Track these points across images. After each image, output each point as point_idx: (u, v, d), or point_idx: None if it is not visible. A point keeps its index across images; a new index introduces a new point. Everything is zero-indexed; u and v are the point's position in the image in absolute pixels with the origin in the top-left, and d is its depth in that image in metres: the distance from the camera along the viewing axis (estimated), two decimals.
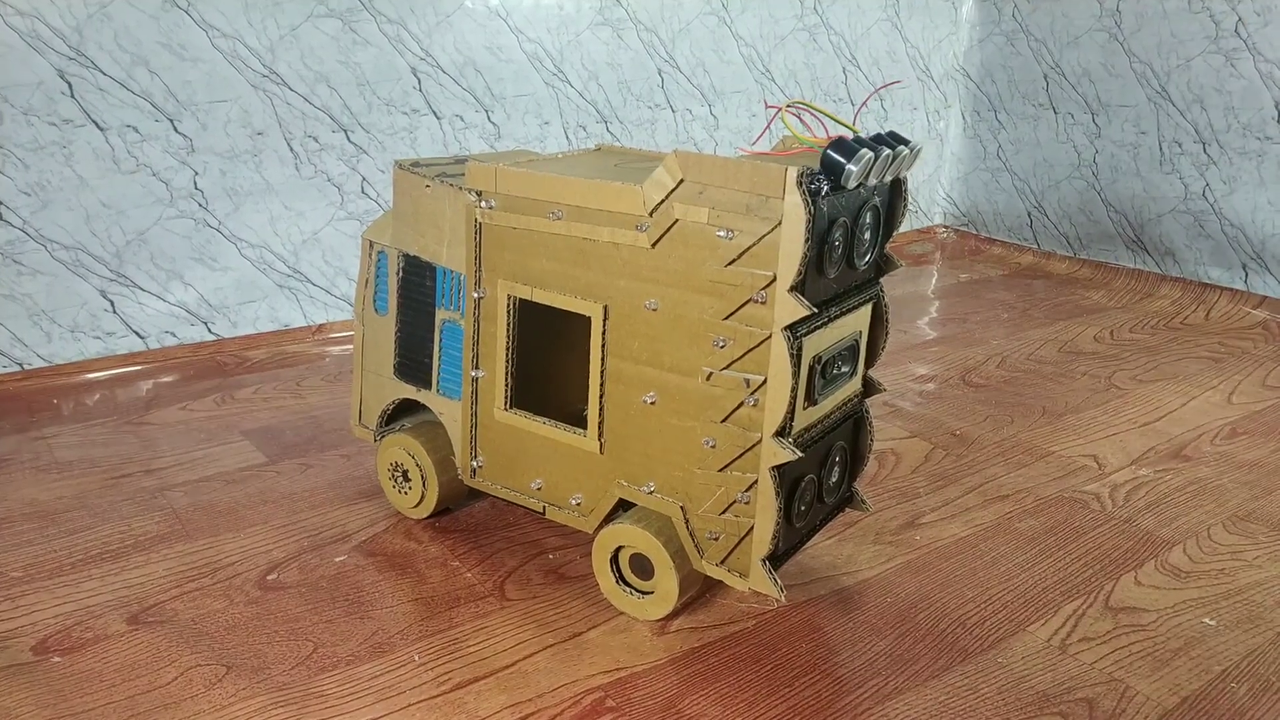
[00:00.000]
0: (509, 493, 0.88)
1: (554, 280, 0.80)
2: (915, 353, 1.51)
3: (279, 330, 1.46)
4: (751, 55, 1.87)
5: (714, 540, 0.76)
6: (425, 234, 0.88)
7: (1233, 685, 0.75)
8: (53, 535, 0.91)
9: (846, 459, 0.83)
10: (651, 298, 0.75)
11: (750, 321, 0.70)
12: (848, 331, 0.77)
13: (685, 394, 0.75)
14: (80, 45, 1.21)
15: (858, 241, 0.75)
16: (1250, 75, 1.75)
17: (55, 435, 1.13)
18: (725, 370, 0.72)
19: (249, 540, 0.91)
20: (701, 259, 0.72)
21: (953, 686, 0.74)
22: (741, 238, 0.69)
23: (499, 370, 0.85)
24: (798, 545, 0.81)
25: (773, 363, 0.70)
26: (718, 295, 0.71)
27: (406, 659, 0.75)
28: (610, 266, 0.77)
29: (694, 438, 0.75)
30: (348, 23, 1.39)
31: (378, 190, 1.49)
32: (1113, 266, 2.01)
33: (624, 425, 0.79)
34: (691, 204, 0.71)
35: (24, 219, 1.23)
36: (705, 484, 0.76)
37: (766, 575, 0.75)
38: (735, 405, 0.72)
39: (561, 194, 0.77)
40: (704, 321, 0.72)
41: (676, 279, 0.73)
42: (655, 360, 0.76)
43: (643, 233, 0.74)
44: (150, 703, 0.69)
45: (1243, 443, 1.19)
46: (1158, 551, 0.93)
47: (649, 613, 0.80)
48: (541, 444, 0.84)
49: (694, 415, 0.75)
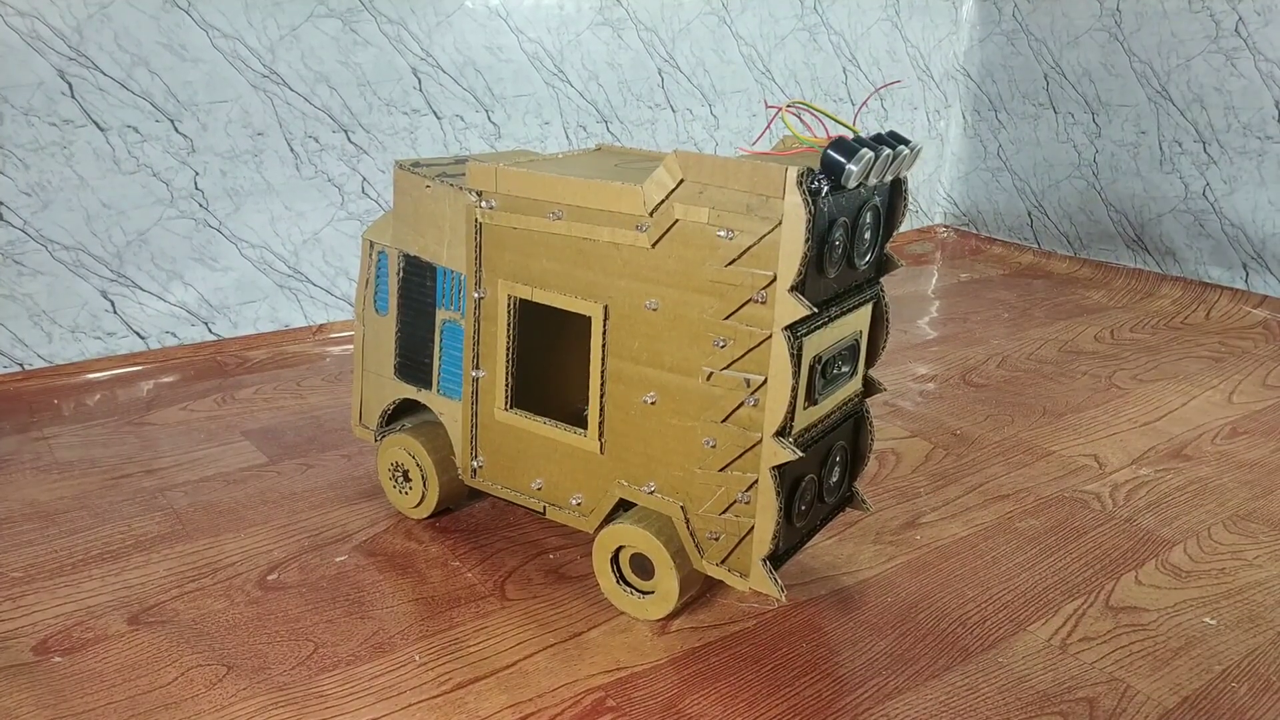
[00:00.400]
0: (509, 493, 0.88)
1: (554, 280, 0.80)
2: (916, 352, 1.51)
3: (279, 330, 1.46)
4: (752, 55, 1.87)
5: (714, 540, 0.76)
6: (425, 234, 0.88)
7: (1233, 685, 0.75)
8: (53, 535, 0.91)
9: (847, 459, 0.83)
10: (652, 298, 0.75)
11: (750, 321, 0.70)
12: (848, 331, 0.77)
13: (686, 394, 0.75)
14: (80, 45, 1.21)
15: (858, 241, 0.75)
16: (1250, 75, 1.75)
17: (56, 435, 1.14)
18: (725, 370, 0.72)
19: (249, 540, 0.91)
20: (702, 259, 0.71)
21: (953, 686, 0.74)
22: (742, 237, 0.69)
23: (499, 370, 0.84)
24: (798, 545, 0.81)
25: (773, 363, 0.70)
26: (718, 295, 0.71)
27: (407, 659, 0.75)
28: (610, 266, 0.77)
29: (694, 438, 0.75)
30: (348, 23, 1.39)
31: (378, 190, 1.49)
32: (1113, 266, 2.01)
33: (624, 425, 0.79)
34: (692, 204, 0.71)
35: (25, 219, 1.23)
36: (706, 484, 0.76)
37: (767, 575, 0.75)
38: (735, 405, 0.72)
39: (561, 194, 0.77)
40: (704, 321, 0.72)
41: (677, 279, 0.73)
42: (655, 360, 0.76)
43: (643, 233, 0.74)
44: (151, 703, 0.69)
45: (1243, 442, 1.19)
46: (1158, 551, 0.93)
47: (649, 613, 0.80)
48: (542, 444, 0.84)
49: (694, 415, 0.75)
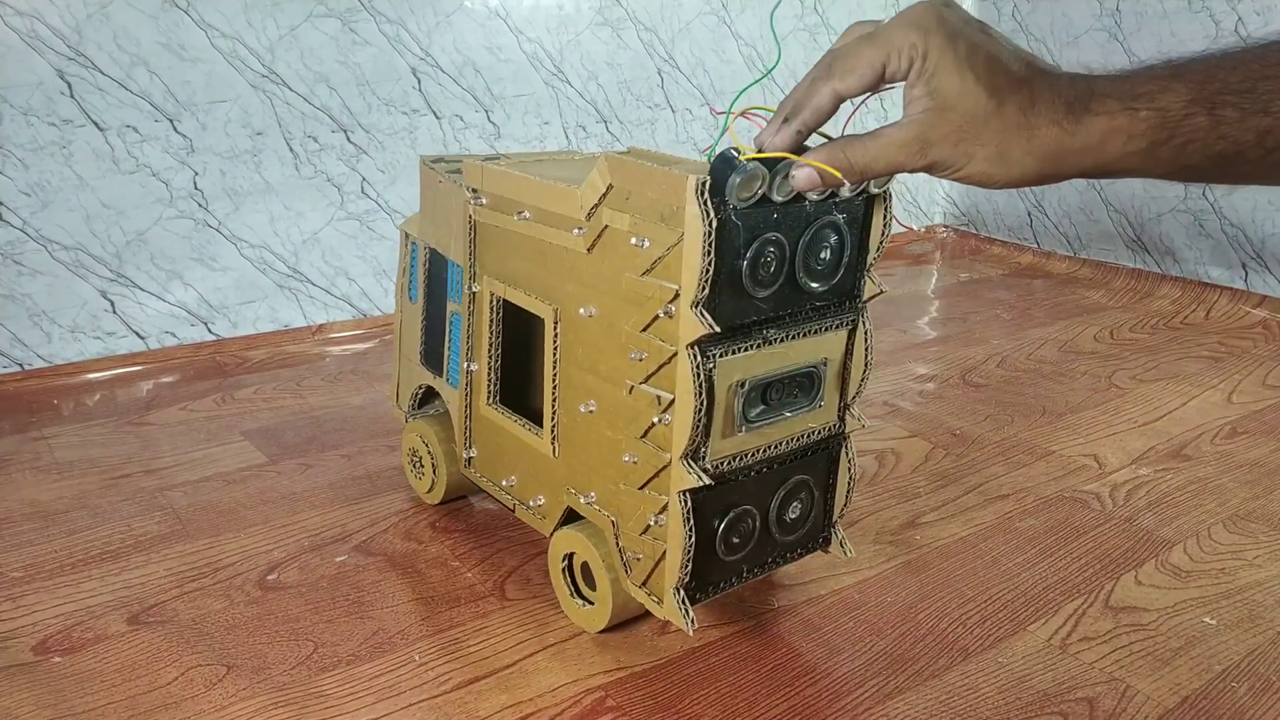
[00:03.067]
0: (492, 486, 0.89)
1: (523, 280, 0.80)
2: (915, 352, 1.51)
3: (279, 330, 1.46)
4: (751, 55, 1.87)
5: (638, 560, 0.73)
6: (439, 227, 0.90)
7: (1233, 684, 0.75)
8: (53, 535, 0.91)
9: (814, 495, 0.77)
10: (590, 303, 0.72)
11: (662, 335, 0.66)
12: (802, 359, 0.71)
13: (616, 406, 0.72)
14: (79, 45, 1.21)
15: (809, 261, 0.68)
16: None
17: (55, 435, 1.13)
18: (643, 385, 0.68)
19: (249, 540, 0.91)
20: (624, 267, 0.68)
21: (953, 686, 0.73)
22: (654, 247, 0.65)
23: (483, 365, 0.85)
24: (739, 578, 0.74)
25: (678, 381, 0.65)
26: (636, 305, 0.68)
27: (407, 659, 0.75)
28: (560, 269, 0.75)
29: (621, 451, 0.72)
30: (347, 23, 1.39)
31: (377, 190, 1.49)
32: (1113, 266, 2.01)
33: (571, 432, 0.77)
34: (618, 210, 0.68)
35: (24, 219, 1.23)
36: (630, 501, 0.72)
37: (678, 605, 0.69)
38: (651, 422, 0.68)
39: (525, 194, 0.76)
40: (626, 332, 0.69)
41: (608, 286, 0.70)
42: (594, 368, 0.73)
43: (580, 236, 0.72)
44: (151, 703, 0.69)
45: (1243, 442, 1.19)
46: (1158, 551, 0.93)
47: (591, 623, 0.78)
48: (514, 442, 0.84)
49: (621, 428, 0.72)
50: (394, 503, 0.99)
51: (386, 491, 1.01)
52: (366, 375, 1.35)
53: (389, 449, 1.11)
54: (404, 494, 1.00)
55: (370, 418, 1.20)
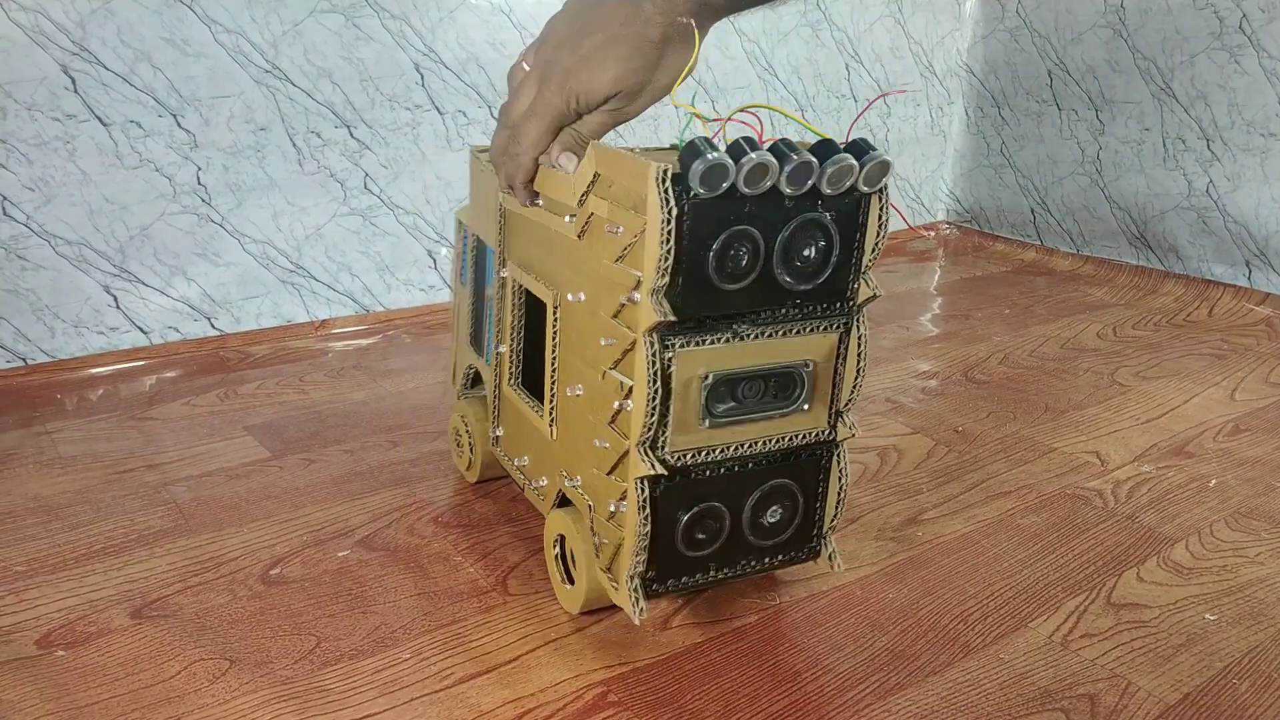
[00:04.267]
0: (510, 465, 0.91)
1: (535, 265, 0.81)
2: (917, 349, 1.51)
3: (282, 326, 1.46)
4: (754, 51, 1.86)
5: (604, 545, 0.73)
6: (482, 216, 0.92)
7: (1235, 681, 0.75)
8: (56, 530, 0.91)
9: (798, 501, 0.75)
10: (579, 289, 0.73)
11: (628, 322, 0.67)
12: (779, 358, 0.69)
13: (595, 391, 0.72)
14: (83, 40, 1.21)
15: (790, 259, 0.67)
16: (1254, 71, 1.74)
17: (59, 430, 1.14)
18: (612, 370, 0.69)
19: (252, 535, 0.91)
20: (604, 253, 0.69)
21: (955, 682, 0.74)
22: (625, 234, 0.66)
23: (509, 347, 0.87)
24: (708, 575, 0.74)
25: (636, 368, 0.66)
26: (610, 291, 0.69)
27: (409, 653, 0.75)
28: (559, 255, 0.77)
29: (596, 436, 0.73)
30: (350, 18, 1.39)
31: (380, 186, 1.49)
32: (1116, 263, 2.01)
33: (565, 416, 0.78)
34: (602, 197, 0.69)
35: (27, 214, 1.23)
36: (601, 485, 0.72)
37: (629, 592, 0.70)
38: (617, 408, 0.69)
39: (540, 182, 0.78)
40: (600, 318, 0.70)
41: (593, 272, 0.71)
42: (582, 353, 0.74)
43: (572, 223, 0.73)
44: (153, 696, 0.70)
45: (1245, 439, 1.19)
46: (1160, 548, 0.93)
47: (570, 604, 0.80)
48: (526, 423, 0.86)
49: (596, 413, 0.72)
50: (397, 498, 0.99)
51: (389, 487, 1.01)
52: (369, 371, 1.35)
53: (391, 444, 1.11)
54: (406, 489, 1.00)
55: (373, 413, 1.20)
